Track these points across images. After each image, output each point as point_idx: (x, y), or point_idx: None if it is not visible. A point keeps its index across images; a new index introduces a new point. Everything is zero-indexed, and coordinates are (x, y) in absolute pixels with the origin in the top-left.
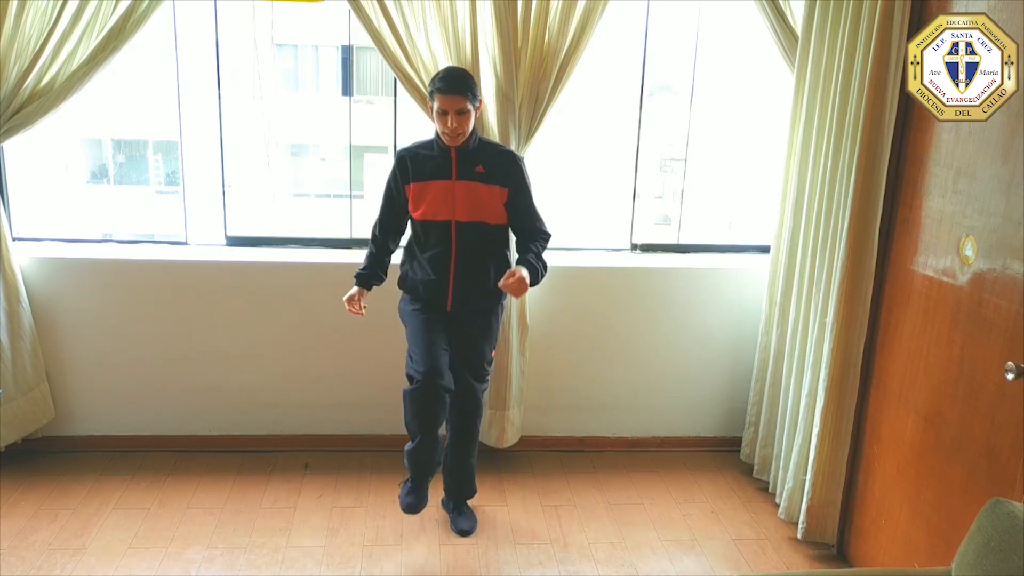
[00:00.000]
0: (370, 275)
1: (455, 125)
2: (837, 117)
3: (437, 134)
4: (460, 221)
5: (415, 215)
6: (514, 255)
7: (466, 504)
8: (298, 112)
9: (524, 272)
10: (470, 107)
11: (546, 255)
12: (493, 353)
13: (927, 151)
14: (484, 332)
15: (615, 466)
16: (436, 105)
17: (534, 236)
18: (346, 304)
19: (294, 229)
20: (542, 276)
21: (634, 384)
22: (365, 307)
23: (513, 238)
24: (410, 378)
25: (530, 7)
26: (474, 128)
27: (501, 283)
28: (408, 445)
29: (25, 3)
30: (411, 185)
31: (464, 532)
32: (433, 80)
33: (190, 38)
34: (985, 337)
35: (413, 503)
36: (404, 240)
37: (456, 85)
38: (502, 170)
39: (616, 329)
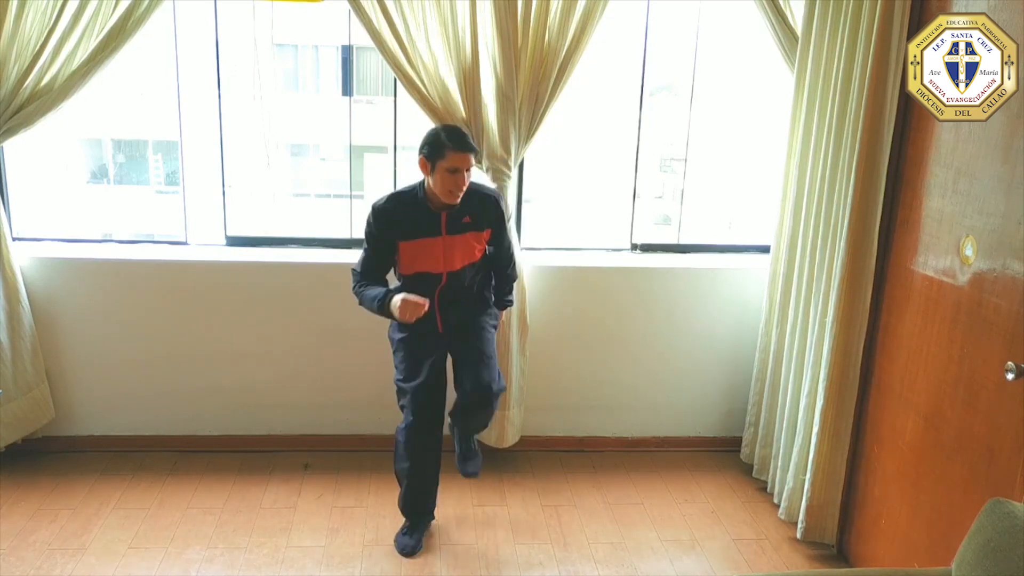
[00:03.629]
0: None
1: (463, 182)
2: (837, 117)
3: (422, 190)
4: (451, 271)
5: (406, 272)
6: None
7: (474, 443)
8: (298, 112)
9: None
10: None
11: (545, 256)
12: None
13: (927, 151)
14: (481, 327)
15: (615, 466)
16: (448, 164)
17: (505, 277)
18: (414, 306)
19: (294, 229)
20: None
21: (634, 384)
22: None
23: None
24: (403, 408)
25: (530, 7)
26: None
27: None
28: (400, 492)
29: (25, 3)
30: (403, 244)
31: (470, 474)
32: (436, 139)
33: (190, 38)
34: (985, 337)
35: (408, 546)
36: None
37: (469, 143)
38: (486, 214)
39: (616, 329)
